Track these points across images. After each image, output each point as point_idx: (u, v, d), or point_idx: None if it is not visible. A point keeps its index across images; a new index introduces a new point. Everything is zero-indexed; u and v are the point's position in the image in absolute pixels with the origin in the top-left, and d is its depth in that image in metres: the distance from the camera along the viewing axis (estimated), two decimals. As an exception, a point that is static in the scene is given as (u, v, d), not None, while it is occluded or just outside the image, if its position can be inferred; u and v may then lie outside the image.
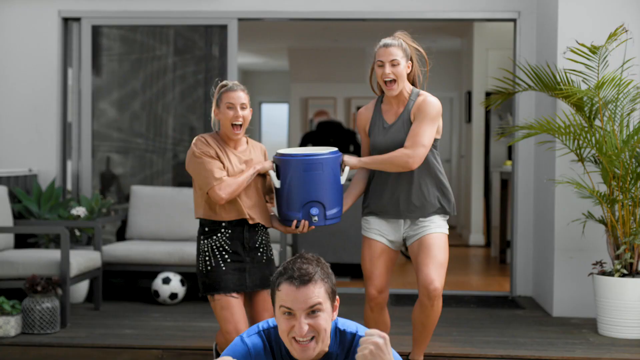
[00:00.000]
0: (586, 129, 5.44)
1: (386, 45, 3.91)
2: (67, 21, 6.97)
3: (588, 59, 5.53)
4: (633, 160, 5.33)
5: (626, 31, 5.42)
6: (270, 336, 2.28)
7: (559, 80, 5.64)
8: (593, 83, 5.60)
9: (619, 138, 5.34)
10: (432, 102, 3.91)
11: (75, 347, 4.98)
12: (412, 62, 3.99)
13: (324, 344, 2.20)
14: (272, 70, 15.59)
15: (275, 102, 16.12)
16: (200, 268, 3.84)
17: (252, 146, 3.96)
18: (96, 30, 6.99)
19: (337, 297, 2.26)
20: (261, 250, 3.90)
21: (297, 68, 13.04)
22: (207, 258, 3.81)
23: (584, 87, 5.69)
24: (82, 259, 5.74)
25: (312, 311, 2.15)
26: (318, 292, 2.16)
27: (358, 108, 12.60)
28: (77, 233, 6.47)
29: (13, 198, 6.40)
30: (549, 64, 5.94)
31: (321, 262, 2.23)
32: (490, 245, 9.86)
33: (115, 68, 7.23)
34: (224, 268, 3.77)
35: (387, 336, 2.02)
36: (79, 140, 6.96)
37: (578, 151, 5.54)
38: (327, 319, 2.18)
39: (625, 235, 5.30)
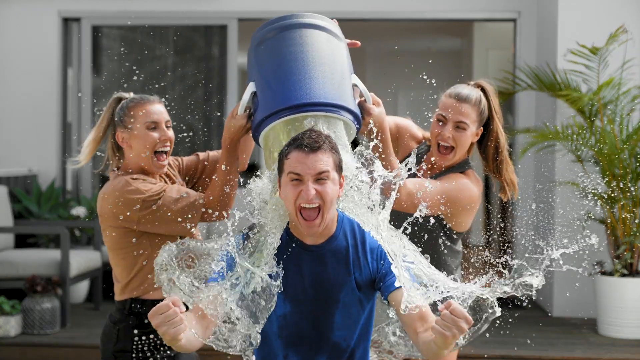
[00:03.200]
0: (585, 130, 5.44)
1: (459, 98, 2.79)
2: (67, 21, 6.97)
3: (588, 59, 5.54)
4: (633, 160, 5.33)
5: (626, 32, 5.43)
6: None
7: (560, 80, 5.65)
8: (593, 83, 5.60)
9: (619, 138, 5.34)
10: (466, 190, 2.78)
11: (75, 347, 4.98)
12: (492, 128, 2.85)
13: (329, 219, 2.22)
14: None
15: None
16: None
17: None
18: (96, 30, 7.00)
19: (343, 175, 2.27)
20: None
21: (297, 68, 12.99)
22: None
23: (584, 87, 5.69)
24: (82, 259, 5.74)
25: (320, 178, 2.17)
26: (327, 160, 2.17)
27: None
28: (77, 233, 6.47)
29: (13, 198, 6.40)
30: (549, 64, 5.94)
31: (329, 137, 2.24)
32: (490, 245, 9.85)
33: (115, 68, 7.23)
34: None
35: (472, 321, 1.93)
36: (79, 140, 6.96)
37: (577, 152, 5.54)
38: (334, 189, 2.19)
39: (626, 235, 5.30)
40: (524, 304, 2.46)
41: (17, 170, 6.62)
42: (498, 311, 2.15)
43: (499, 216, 8.80)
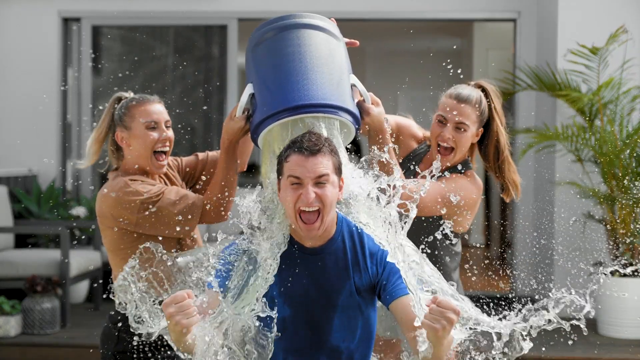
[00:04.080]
0: (585, 130, 5.44)
1: (459, 99, 2.78)
2: (67, 21, 6.97)
3: (588, 59, 5.54)
4: (633, 160, 5.33)
5: (626, 32, 5.43)
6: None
7: (560, 80, 5.65)
8: (593, 83, 5.61)
9: (619, 138, 5.34)
10: (465, 191, 2.76)
11: (75, 347, 4.98)
12: (492, 128, 2.85)
13: (328, 222, 2.20)
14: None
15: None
16: None
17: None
18: (96, 30, 6.99)
19: (342, 177, 2.24)
20: None
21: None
22: None
23: (584, 87, 5.69)
24: (82, 259, 5.74)
25: (320, 182, 2.15)
26: (326, 163, 2.16)
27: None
28: (77, 233, 6.47)
29: (13, 198, 6.40)
30: (549, 64, 5.94)
31: (329, 139, 2.22)
32: (490, 245, 9.85)
33: (115, 68, 7.23)
34: None
35: (460, 311, 1.90)
36: (79, 140, 6.96)
37: (577, 153, 5.54)
38: (334, 192, 2.17)
39: (626, 235, 5.30)
40: (570, 342, 2.33)
41: (17, 170, 6.62)
42: (527, 347, 2.10)
43: (500, 216, 8.80)
